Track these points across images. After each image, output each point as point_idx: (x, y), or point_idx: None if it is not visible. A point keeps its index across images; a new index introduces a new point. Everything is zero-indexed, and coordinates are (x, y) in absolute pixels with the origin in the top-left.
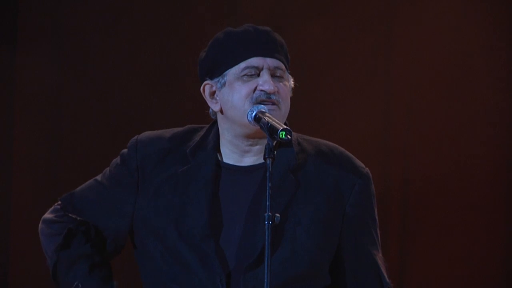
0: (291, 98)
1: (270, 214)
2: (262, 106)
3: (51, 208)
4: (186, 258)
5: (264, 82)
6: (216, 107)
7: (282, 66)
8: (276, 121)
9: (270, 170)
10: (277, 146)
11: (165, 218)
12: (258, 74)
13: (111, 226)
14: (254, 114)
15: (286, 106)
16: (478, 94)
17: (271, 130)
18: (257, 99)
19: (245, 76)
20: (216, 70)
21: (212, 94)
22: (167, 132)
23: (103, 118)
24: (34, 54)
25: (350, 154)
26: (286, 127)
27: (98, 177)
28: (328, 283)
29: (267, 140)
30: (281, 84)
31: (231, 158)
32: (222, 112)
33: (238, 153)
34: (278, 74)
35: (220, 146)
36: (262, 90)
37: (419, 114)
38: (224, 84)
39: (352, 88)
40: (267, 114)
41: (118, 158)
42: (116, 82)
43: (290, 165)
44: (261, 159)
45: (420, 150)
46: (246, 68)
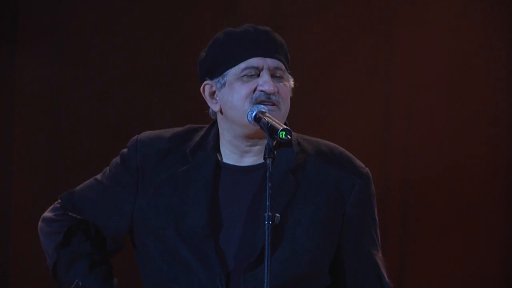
0: (291, 98)
1: (270, 214)
2: (262, 106)
3: (51, 206)
4: (186, 258)
5: (264, 82)
6: (216, 107)
7: (282, 66)
8: (276, 121)
9: (270, 170)
10: (277, 146)
11: (165, 218)
12: (258, 75)
13: (111, 225)
14: (254, 114)
15: (286, 106)
16: (478, 94)
17: (271, 130)
18: (257, 100)
19: (245, 76)
20: (216, 70)
21: (212, 94)
22: (167, 132)
23: (103, 118)
24: (34, 54)
25: (350, 154)
26: (286, 127)
27: (98, 176)
28: (328, 283)
29: (267, 140)
30: (281, 84)
31: (231, 158)
32: (222, 112)
33: (238, 153)
34: (278, 74)
35: (220, 146)
36: (262, 91)
37: (419, 114)
38: (224, 84)
39: (352, 88)
40: (267, 114)
41: (118, 158)
42: (116, 82)
43: (290, 165)
44: (261, 159)
45: (420, 150)
46: (246, 68)
